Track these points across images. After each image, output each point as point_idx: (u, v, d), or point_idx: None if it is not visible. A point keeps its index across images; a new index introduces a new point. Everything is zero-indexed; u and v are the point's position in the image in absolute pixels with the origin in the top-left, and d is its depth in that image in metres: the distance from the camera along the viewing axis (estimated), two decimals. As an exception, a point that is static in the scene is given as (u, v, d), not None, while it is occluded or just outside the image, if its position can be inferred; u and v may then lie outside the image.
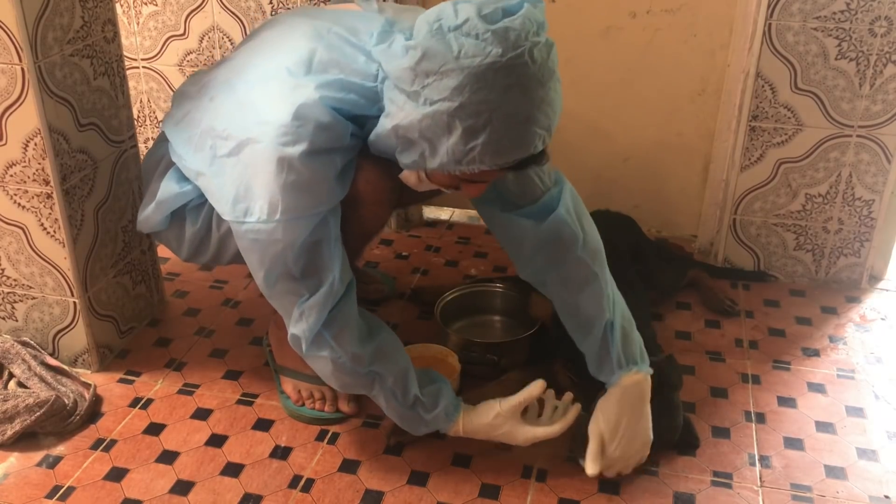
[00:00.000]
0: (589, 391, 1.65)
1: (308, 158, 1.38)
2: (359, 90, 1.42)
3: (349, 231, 1.50)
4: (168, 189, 1.60)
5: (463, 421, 1.55)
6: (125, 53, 2.01)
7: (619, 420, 1.52)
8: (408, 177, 1.47)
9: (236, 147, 1.43)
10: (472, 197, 1.50)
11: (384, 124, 1.39)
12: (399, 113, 1.35)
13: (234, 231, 1.46)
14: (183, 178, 1.60)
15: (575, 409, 1.56)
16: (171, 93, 2.36)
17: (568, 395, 1.59)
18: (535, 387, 1.54)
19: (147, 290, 2.00)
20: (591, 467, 1.51)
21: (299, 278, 1.44)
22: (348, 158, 1.45)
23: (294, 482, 1.56)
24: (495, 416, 1.54)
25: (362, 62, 1.44)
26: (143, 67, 2.37)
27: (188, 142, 1.54)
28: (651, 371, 1.56)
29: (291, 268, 1.43)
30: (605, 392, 1.55)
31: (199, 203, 1.60)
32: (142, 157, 2.04)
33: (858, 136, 2.00)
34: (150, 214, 1.64)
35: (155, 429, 1.69)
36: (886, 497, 1.54)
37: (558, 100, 1.35)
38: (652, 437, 1.55)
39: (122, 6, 2.28)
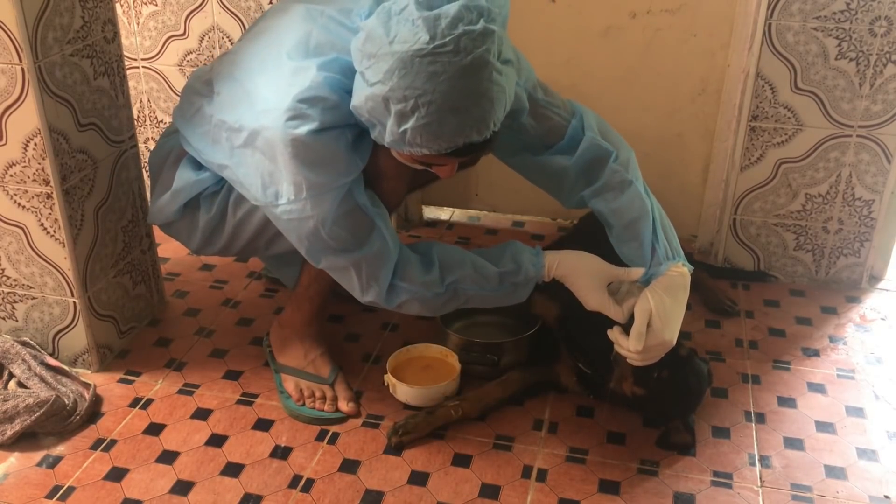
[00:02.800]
0: (600, 383, 1.66)
1: (318, 136, 1.41)
2: (353, 72, 1.44)
3: None
4: (185, 177, 1.63)
5: (557, 261, 1.58)
6: (125, 53, 2.01)
7: (665, 303, 1.52)
8: (393, 152, 1.50)
9: (249, 137, 1.47)
10: (442, 177, 1.52)
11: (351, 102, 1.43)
12: (355, 92, 1.39)
13: (270, 215, 1.51)
14: (198, 167, 1.64)
15: (634, 298, 1.55)
16: (172, 93, 2.37)
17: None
18: (636, 270, 1.58)
19: (147, 290, 2.00)
20: (635, 343, 1.50)
21: (341, 251, 1.50)
22: (357, 132, 1.48)
23: (294, 482, 1.56)
24: (592, 263, 1.58)
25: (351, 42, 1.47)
26: (143, 67, 2.37)
27: (204, 136, 1.58)
28: (692, 268, 1.60)
29: (329, 242, 1.48)
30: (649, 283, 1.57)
31: (215, 191, 1.64)
32: (142, 157, 2.04)
33: (858, 136, 2.00)
34: (164, 205, 1.67)
35: (155, 429, 1.69)
36: (886, 497, 1.54)
37: (497, 90, 1.33)
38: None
39: (122, 6, 2.28)
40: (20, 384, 1.73)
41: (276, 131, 1.41)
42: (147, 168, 2.17)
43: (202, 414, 1.73)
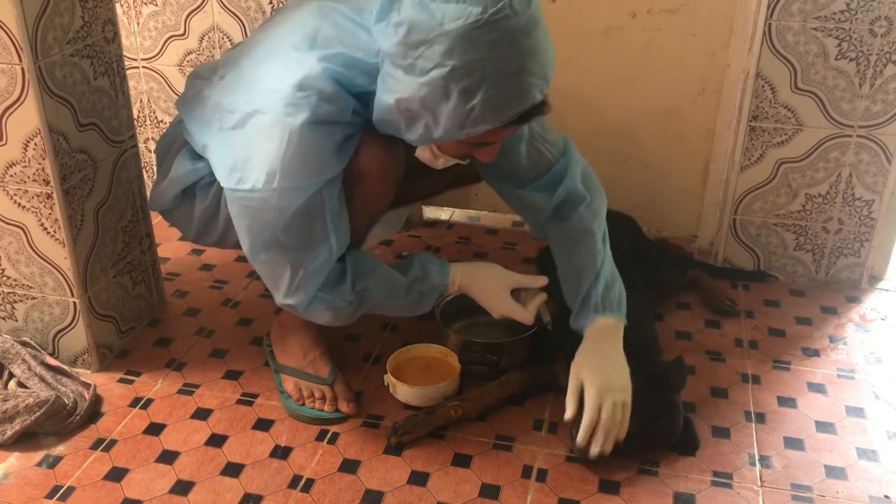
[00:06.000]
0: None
1: (310, 128, 1.41)
2: (361, 65, 1.46)
3: (353, 211, 1.55)
4: (181, 166, 1.65)
5: (461, 272, 1.64)
6: (125, 53, 2.01)
7: (592, 358, 1.57)
8: (422, 153, 1.52)
9: (241, 120, 1.47)
10: (486, 161, 1.54)
11: (385, 101, 1.42)
12: (398, 87, 1.39)
13: (228, 198, 1.50)
14: (196, 157, 1.65)
15: (540, 297, 1.64)
16: (172, 93, 2.37)
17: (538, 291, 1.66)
18: (539, 279, 1.65)
19: (147, 290, 2.00)
20: (569, 410, 1.53)
21: (287, 248, 1.49)
22: (348, 133, 1.48)
23: (294, 482, 1.56)
24: (492, 270, 1.65)
25: (365, 39, 1.48)
26: (143, 67, 2.37)
27: (199, 119, 1.59)
28: (625, 322, 1.63)
29: (280, 236, 1.48)
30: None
31: (210, 181, 1.64)
32: (142, 157, 2.04)
33: (858, 136, 2.00)
34: (162, 191, 1.68)
35: (155, 429, 1.69)
36: (886, 497, 1.54)
37: (549, 47, 1.38)
38: (630, 389, 1.54)
39: (122, 6, 2.28)
40: (20, 384, 1.73)
41: (269, 116, 1.43)
42: (148, 165, 2.17)
43: (202, 414, 1.73)
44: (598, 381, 1.53)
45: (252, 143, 1.45)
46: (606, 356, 1.58)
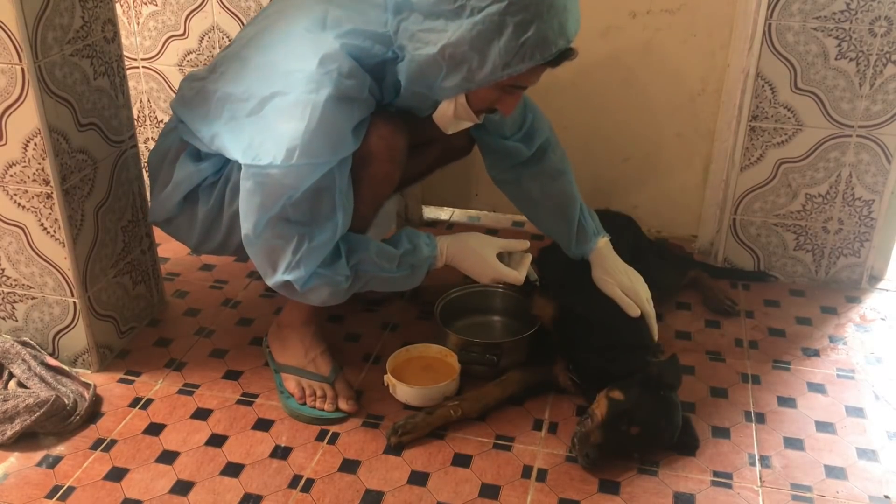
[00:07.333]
0: (589, 392, 1.66)
1: (333, 104, 1.44)
2: (373, 36, 1.49)
3: (360, 194, 1.56)
4: (185, 169, 1.65)
5: (447, 243, 1.66)
6: (125, 53, 2.01)
7: (615, 272, 1.80)
8: (445, 111, 1.55)
9: (258, 105, 1.49)
10: (506, 113, 1.58)
11: (425, 53, 1.44)
12: (442, 35, 1.41)
13: (244, 174, 1.50)
14: (197, 159, 1.65)
15: (527, 258, 1.72)
16: (171, 93, 2.37)
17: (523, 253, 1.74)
18: (522, 242, 1.72)
19: (147, 290, 2.00)
20: (633, 310, 1.75)
21: (295, 222, 1.50)
22: (365, 114, 1.51)
23: (294, 482, 1.56)
24: (477, 238, 1.68)
25: (373, 14, 1.51)
26: (143, 67, 2.37)
27: (204, 116, 1.59)
28: (608, 236, 1.85)
29: (289, 211, 1.49)
30: (591, 263, 1.83)
31: (213, 181, 1.64)
32: (142, 157, 2.04)
33: (858, 136, 2.00)
34: (165, 199, 1.68)
35: (155, 429, 1.69)
36: (886, 497, 1.54)
37: None
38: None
39: (122, 6, 2.28)
40: (20, 384, 1.73)
41: (291, 96, 1.45)
42: (146, 168, 2.17)
43: (202, 414, 1.73)
44: (637, 282, 1.79)
45: (272, 123, 1.47)
46: (621, 265, 1.82)
